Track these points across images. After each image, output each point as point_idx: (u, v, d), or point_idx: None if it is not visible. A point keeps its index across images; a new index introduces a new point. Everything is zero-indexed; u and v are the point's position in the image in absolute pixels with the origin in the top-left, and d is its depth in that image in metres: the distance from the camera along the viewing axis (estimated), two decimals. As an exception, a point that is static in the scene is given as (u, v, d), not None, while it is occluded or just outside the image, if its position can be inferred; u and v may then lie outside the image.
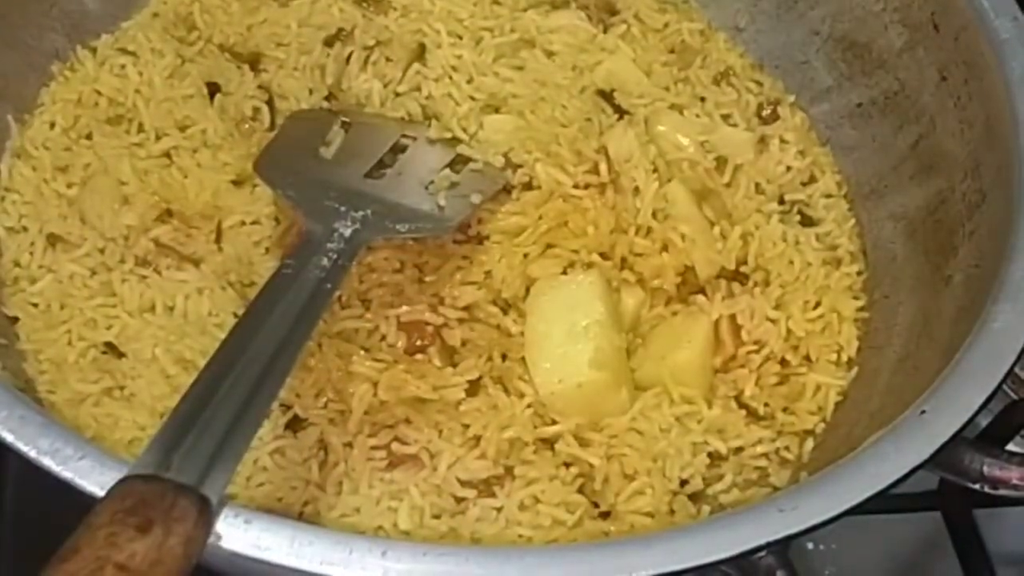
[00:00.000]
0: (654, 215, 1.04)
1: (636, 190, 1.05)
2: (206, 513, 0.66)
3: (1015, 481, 0.82)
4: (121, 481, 0.66)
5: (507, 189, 1.04)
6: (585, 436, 0.93)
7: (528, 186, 1.04)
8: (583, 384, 0.94)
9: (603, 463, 0.92)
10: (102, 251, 0.99)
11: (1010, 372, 0.81)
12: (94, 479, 0.70)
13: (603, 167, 1.05)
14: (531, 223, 1.01)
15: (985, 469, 0.83)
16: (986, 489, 0.83)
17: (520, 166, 1.05)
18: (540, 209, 1.02)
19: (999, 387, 0.80)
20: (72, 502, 0.68)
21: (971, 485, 0.84)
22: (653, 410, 0.94)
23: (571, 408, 0.94)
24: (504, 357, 0.96)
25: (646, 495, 0.91)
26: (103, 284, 0.98)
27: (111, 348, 0.95)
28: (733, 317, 0.99)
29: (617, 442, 0.93)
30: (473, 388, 0.94)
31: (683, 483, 0.92)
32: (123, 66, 1.10)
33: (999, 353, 0.82)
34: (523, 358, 0.96)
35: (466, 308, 0.98)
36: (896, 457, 0.77)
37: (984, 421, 0.92)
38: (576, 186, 1.04)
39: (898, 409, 0.81)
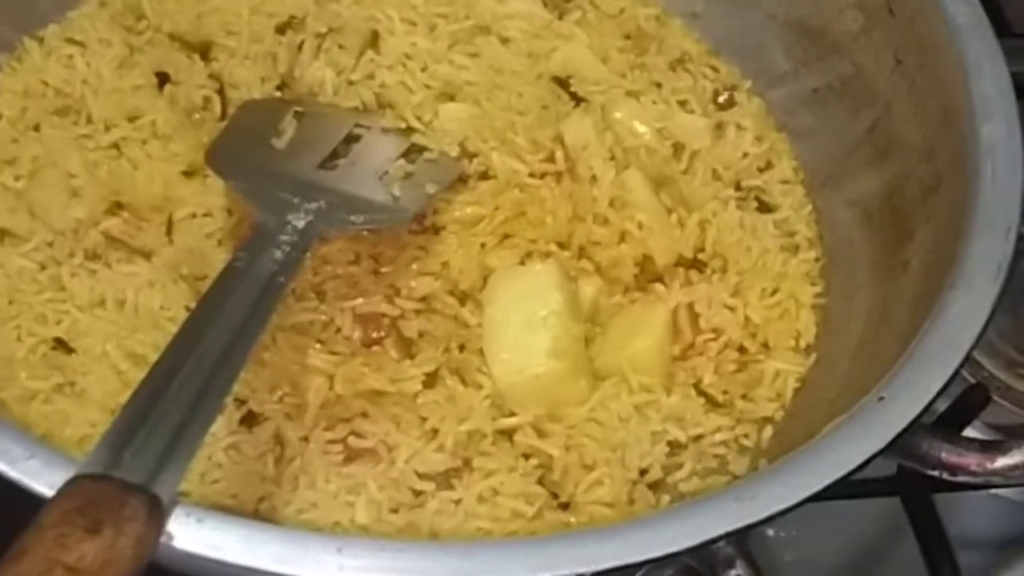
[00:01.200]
0: (611, 203, 1.03)
1: (593, 178, 1.04)
2: (157, 513, 0.65)
3: (972, 467, 0.83)
4: (70, 481, 0.65)
5: (463, 179, 1.03)
6: (544, 427, 0.93)
7: (484, 176, 1.04)
8: (541, 374, 0.93)
9: (562, 454, 0.91)
10: (51, 245, 0.98)
11: (967, 357, 0.81)
12: (43, 479, 0.69)
13: (559, 155, 1.04)
14: (488, 213, 1.01)
15: (943, 456, 0.83)
16: (944, 475, 0.83)
17: (476, 155, 1.04)
18: (497, 199, 1.02)
19: (957, 373, 0.80)
20: (21, 502, 0.67)
21: (929, 472, 0.84)
22: (612, 400, 0.94)
23: (530, 399, 0.93)
24: (462, 348, 0.95)
25: (605, 485, 0.90)
26: (52, 279, 0.96)
27: (61, 344, 0.93)
28: (691, 305, 0.99)
29: (576, 432, 0.93)
30: (430, 380, 0.94)
31: (642, 472, 0.92)
32: (71, 56, 1.09)
33: (956, 339, 0.82)
34: (481, 349, 0.95)
35: (423, 299, 0.97)
36: (855, 444, 0.77)
37: (942, 406, 0.92)
38: (532, 175, 1.03)
39: (856, 395, 0.81)
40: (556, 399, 0.94)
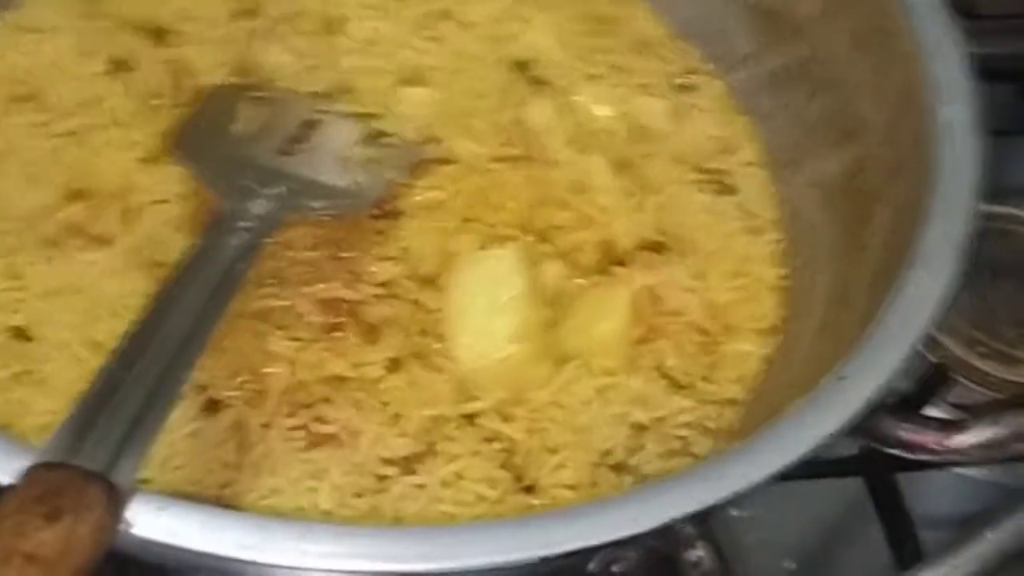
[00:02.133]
0: (572, 187, 1.03)
1: (554, 162, 1.04)
2: (116, 500, 0.65)
3: (931, 445, 0.83)
4: (28, 469, 0.65)
5: (424, 163, 1.03)
6: (507, 411, 0.93)
7: (445, 160, 1.03)
8: (505, 359, 0.93)
9: (525, 437, 0.91)
10: (7, 233, 0.97)
11: (925, 336, 0.82)
12: (3, 468, 0.68)
13: (520, 139, 1.04)
14: (449, 197, 1.01)
15: (902, 434, 0.83)
16: (904, 453, 0.84)
17: (438, 140, 1.04)
18: (458, 184, 1.02)
19: (914, 351, 0.81)
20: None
21: (890, 450, 0.84)
22: (574, 383, 0.94)
23: (493, 383, 0.93)
24: (423, 333, 0.95)
25: (568, 468, 0.90)
26: (8, 267, 0.95)
27: (19, 333, 0.93)
28: (653, 288, 0.99)
29: (539, 416, 0.93)
30: (393, 365, 0.93)
31: (605, 454, 0.92)
32: (28, 43, 1.08)
33: (914, 318, 0.82)
34: (443, 334, 0.95)
35: (383, 284, 0.97)
36: (816, 423, 0.77)
37: (904, 387, 0.93)
38: (494, 159, 1.03)
39: (817, 375, 0.82)
40: (519, 383, 0.94)
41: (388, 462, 0.89)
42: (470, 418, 0.92)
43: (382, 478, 0.88)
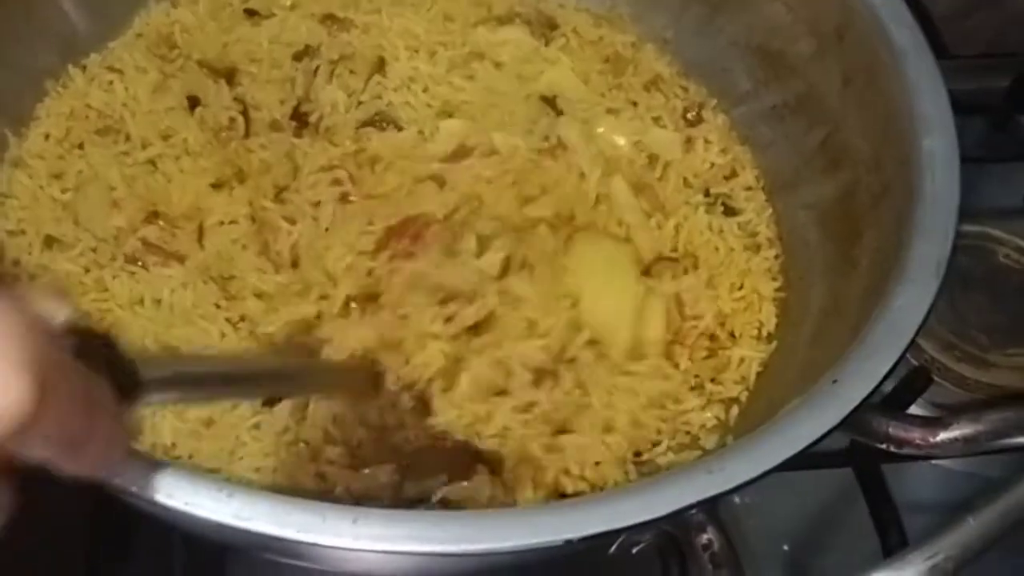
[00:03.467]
0: (598, 200, 1.04)
1: (582, 175, 1.05)
2: None
3: (917, 441, 0.83)
4: None
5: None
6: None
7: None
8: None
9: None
10: (94, 250, 0.97)
11: (911, 344, 0.81)
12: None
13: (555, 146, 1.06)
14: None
15: (890, 431, 0.83)
16: (891, 449, 0.83)
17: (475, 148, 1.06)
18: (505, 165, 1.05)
19: (902, 358, 0.80)
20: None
21: (878, 445, 0.84)
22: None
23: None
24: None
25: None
26: (96, 280, 0.96)
27: (106, 339, 0.93)
28: (679, 295, 1.00)
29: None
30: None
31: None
32: (111, 82, 1.08)
33: (901, 328, 0.82)
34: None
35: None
36: (811, 422, 0.77)
37: (889, 386, 0.93)
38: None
39: (812, 379, 0.81)
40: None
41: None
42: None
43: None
